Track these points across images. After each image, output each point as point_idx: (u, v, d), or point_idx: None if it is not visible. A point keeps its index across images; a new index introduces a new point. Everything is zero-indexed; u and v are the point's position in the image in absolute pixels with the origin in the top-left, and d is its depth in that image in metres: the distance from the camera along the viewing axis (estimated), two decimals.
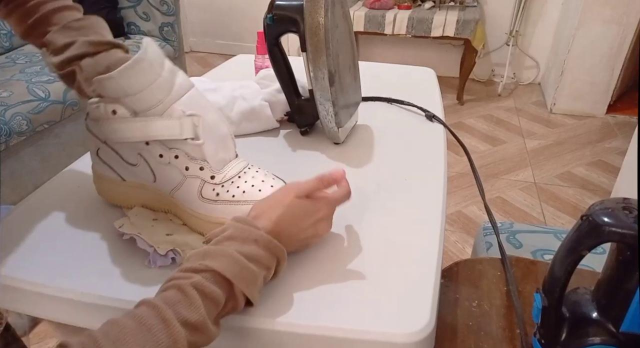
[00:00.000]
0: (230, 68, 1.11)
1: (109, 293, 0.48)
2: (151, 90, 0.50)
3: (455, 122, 2.60)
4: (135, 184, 0.57)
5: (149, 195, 0.57)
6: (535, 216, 1.83)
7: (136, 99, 0.51)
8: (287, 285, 0.49)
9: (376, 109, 0.90)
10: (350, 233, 0.56)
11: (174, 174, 0.53)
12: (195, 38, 3.73)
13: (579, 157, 2.25)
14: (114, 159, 0.56)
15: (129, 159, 0.55)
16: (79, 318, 0.49)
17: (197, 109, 0.52)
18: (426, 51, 3.18)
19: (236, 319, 0.45)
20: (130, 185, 0.57)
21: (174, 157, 0.53)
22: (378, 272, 0.50)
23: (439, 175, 0.67)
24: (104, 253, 0.53)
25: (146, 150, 0.53)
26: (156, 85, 0.50)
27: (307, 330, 0.45)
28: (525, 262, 0.66)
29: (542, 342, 0.48)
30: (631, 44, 2.44)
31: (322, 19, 0.65)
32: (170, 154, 0.53)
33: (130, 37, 2.32)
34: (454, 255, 1.63)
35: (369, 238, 0.55)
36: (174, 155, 0.53)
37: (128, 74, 0.49)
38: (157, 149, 0.53)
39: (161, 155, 0.53)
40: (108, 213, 0.59)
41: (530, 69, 3.08)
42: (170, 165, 0.53)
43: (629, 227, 0.40)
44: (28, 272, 0.50)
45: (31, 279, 0.50)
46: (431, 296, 0.47)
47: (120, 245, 0.54)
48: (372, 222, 0.58)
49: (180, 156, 0.52)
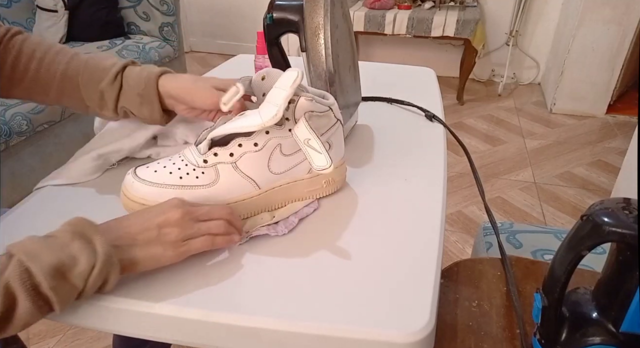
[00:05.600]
0: (230, 68, 1.11)
1: (110, 293, 0.48)
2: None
3: (455, 122, 2.60)
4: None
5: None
6: (535, 216, 1.83)
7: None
8: (287, 285, 0.49)
9: (376, 109, 0.90)
10: (349, 233, 0.56)
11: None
12: (195, 38, 3.73)
13: (579, 157, 2.25)
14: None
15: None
16: (80, 318, 0.49)
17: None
18: (426, 51, 3.18)
19: (236, 319, 0.45)
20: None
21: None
22: (378, 272, 0.50)
23: (439, 175, 0.67)
24: None
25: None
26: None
27: (307, 330, 0.45)
28: (525, 262, 0.66)
29: (542, 342, 0.48)
30: (631, 44, 2.44)
31: (322, 19, 0.65)
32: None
33: (130, 37, 2.32)
34: (454, 255, 1.63)
35: (368, 238, 0.55)
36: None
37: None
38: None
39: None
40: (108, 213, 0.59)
41: (530, 69, 3.08)
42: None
43: (629, 227, 0.40)
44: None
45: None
46: (431, 296, 0.47)
47: None
48: (371, 222, 0.58)
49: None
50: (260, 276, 0.50)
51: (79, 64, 0.64)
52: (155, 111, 0.64)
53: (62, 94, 0.64)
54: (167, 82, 0.63)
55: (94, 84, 0.63)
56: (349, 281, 0.49)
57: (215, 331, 0.46)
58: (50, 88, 0.64)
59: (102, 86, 0.63)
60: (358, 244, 0.55)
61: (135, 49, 2.20)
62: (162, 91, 0.63)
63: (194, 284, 0.49)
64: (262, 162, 0.56)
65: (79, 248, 0.42)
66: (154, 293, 0.48)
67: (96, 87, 0.63)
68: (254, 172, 0.56)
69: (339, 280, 0.49)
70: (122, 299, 0.47)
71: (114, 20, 2.30)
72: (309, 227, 0.57)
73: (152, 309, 0.46)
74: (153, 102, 0.63)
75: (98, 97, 0.64)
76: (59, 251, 0.41)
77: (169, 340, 0.49)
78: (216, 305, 0.46)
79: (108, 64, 0.64)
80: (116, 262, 0.44)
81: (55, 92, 0.64)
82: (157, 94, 0.63)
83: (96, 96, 0.64)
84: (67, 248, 0.42)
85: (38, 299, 0.40)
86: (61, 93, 0.64)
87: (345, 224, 0.58)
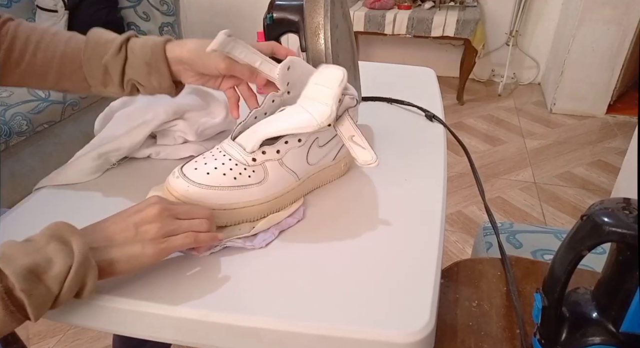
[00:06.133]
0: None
1: (110, 293, 0.48)
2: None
3: (455, 122, 2.60)
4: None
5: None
6: (535, 216, 1.83)
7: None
8: (287, 285, 0.49)
9: (376, 109, 0.90)
10: (350, 233, 0.56)
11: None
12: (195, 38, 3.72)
13: (579, 157, 2.25)
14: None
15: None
16: (80, 318, 0.49)
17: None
18: (426, 51, 3.18)
19: (236, 319, 0.45)
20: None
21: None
22: (378, 272, 0.50)
23: (439, 175, 0.67)
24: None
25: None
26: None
27: (307, 330, 0.45)
28: (525, 262, 0.66)
29: (542, 342, 0.48)
30: (631, 44, 2.44)
31: (322, 19, 0.65)
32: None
33: None
34: (454, 255, 1.63)
35: (368, 238, 0.55)
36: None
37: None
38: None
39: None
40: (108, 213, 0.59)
41: (530, 69, 3.08)
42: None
43: (629, 227, 0.40)
44: None
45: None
46: (431, 296, 0.47)
47: None
48: (371, 222, 0.58)
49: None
50: (260, 276, 0.50)
51: (79, 42, 0.62)
52: (165, 79, 0.62)
53: (62, 75, 0.62)
54: (175, 47, 0.61)
55: (97, 59, 0.61)
56: (349, 281, 0.49)
57: (215, 331, 0.46)
58: (48, 71, 0.62)
59: (105, 59, 0.60)
60: (358, 244, 0.55)
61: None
62: (171, 57, 0.61)
63: (194, 284, 0.49)
64: (302, 155, 0.58)
65: (55, 249, 0.41)
66: (154, 293, 0.48)
67: (99, 61, 0.61)
68: (295, 165, 0.58)
69: (338, 280, 0.49)
70: (122, 299, 0.47)
71: (114, 20, 2.30)
72: (309, 227, 0.57)
73: (152, 309, 0.46)
74: (161, 70, 0.61)
75: (102, 72, 0.61)
76: (35, 253, 0.40)
77: (169, 340, 0.49)
78: (216, 305, 0.46)
79: (110, 38, 0.62)
80: (93, 264, 0.42)
81: (54, 74, 0.62)
82: (166, 60, 0.61)
83: (99, 72, 0.61)
84: (43, 251, 0.40)
85: (10, 303, 0.38)
86: (60, 75, 0.62)
87: (346, 224, 0.58)
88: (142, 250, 0.45)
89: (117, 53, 0.61)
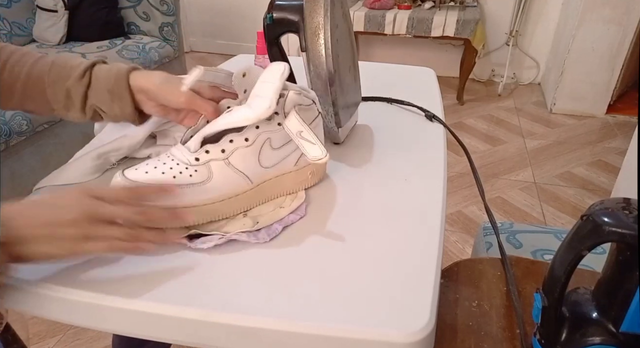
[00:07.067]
0: (230, 68, 1.11)
1: (110, 293, 0.48)
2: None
3: (455, 122, 2.60)
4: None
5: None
6: (535, 216, 1.83)
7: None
8: (287, 285, 0.49)
9: (376, 109, 0.90)
10: (350, 233, 0.56)
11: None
12: (195, 38, 3.73)
13: (579, 157, 2.25)
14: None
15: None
16: (80, 318, 0.49)
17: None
18: (426, 51, 3.18)
19: (236, 319, 0.45)
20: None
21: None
22: (378, 272, 0.50)
23: (439, 175, 0.67)
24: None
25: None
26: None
27: (306, 330, 0.45)
28: (525, 262, 0.66)
29: (542, 342, 0.48)
30: (631, 44, 2.45)
31: (322, 19, 0.65)
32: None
33: (130, 37, 2.32)
34: (454, 255, 1.63)
35: (368, 238, 0.55)
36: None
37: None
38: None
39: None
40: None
41: (530, 69, 3.08)
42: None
43: (629, 227, 0.40)
44: (29, 272, 0.50)
45: (32, 278, 0.50)
46: (431, 296, 0.47)
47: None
48: (371, 222, 0.58)
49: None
50: (260, 276, 0.50)
51: (45, 64, 0.62)
52: (127, 106, 0.62)
53: (26, 97, 0.62)
54: (139, 77, 0.61)
55: (61, 83, 0.61)
56: (349, 281, 0.49)
57: (215, 331, 0.46)
58: (13, 91, 0.61)
59: (68, 84, 0.60)
60: (358, 244, 0.55)
61: (135, 49, 2.20)
62: (133, 85, 0.61)
63: (194, 284, 0.49)
64: (253, 157, 0.56)
65: None
66: (154, 293, 0.48)
67: (63, 85, 0.61)
68: (245, 167, 0.56)
69: (338, 280, 0.49)
70: (122, 299, 0.47)
71: (114, 20, 2.30)
72: (309, 227, 0.57)
73: (152, 309, 0.46)
74: (124, 98, 0.61)
75: (64, 96, 0.61)
76: None
77: (169, 340, 0.49)
78: (216, 305, 0.46)
79: (76, 63, 0.62)
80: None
81: (19, 95, 0.61)
82: (129, 88, 0.61)
83: (62, 96, 0.61)
84: None
85: None
86: (25, 96, 0.62)
87: (346, 224, 0.58)
88: (55, 251, 0.45)
89: (81, 78, 0.61)
